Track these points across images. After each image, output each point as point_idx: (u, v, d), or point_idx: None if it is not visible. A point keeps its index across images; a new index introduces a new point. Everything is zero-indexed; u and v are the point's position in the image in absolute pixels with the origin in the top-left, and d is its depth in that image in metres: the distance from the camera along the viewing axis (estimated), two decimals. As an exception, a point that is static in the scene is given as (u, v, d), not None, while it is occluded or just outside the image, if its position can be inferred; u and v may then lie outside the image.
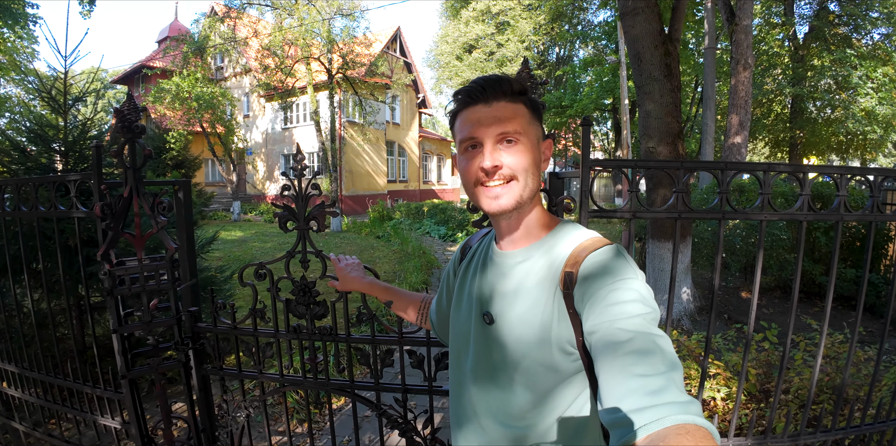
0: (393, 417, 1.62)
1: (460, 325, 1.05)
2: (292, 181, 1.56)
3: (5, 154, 4.25)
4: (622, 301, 0.77)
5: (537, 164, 0.93)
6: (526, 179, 0.91)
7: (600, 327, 0.76)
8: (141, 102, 21.60)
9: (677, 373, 0.67)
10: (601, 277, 0.82)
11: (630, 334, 0.72)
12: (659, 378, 0.65)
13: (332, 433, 1.74)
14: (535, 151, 0.93)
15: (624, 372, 0.67)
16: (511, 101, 0.91)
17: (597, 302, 0.79)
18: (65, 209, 2.15)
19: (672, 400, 0.61)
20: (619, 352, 0.70)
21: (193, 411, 1.97)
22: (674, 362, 0.69)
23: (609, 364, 0.70)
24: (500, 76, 0.92)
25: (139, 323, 1.81)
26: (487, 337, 0.97)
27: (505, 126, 0.89)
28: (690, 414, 0.59)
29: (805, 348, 3.05)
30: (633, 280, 0.81)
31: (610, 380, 0.68)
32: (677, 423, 0.58)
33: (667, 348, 0.71)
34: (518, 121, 0.90)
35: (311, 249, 1.58)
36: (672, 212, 1.52)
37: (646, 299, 0.79)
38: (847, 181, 1.54)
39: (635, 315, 0.75)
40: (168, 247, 1.78)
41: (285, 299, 1.68)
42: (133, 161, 1.80)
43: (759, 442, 1.65)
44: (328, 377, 1.71)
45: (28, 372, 2.66)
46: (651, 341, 0.71)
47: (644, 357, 0.68)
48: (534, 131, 0.93)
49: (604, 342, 0.74)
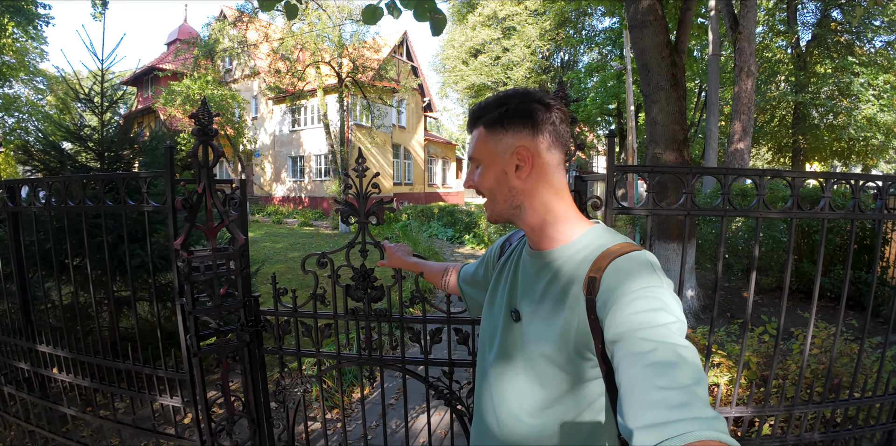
0: (440, 388, 1.86)
1: (492, 319, 1.09)
2: (354, 180, 1.80)
3: (44, 152, 4.50)
4: (645, 309, 0.76)
5: (498, 179, 0.98)
6: (492, 195, 1.00)
7: (622, 336, 0.75)
8: (151, 104, 21.94)
9: (702, 387, 0.65)
10: (624, 284, 0.81)
11: (653, 344, 0.70)
12: (682, 392, 0.63)
13: (382, 402, 1.97)
14: (494, 167, 0.98)
15: (645, 384, 0.66)
16: (476, 128, 1.01)
17: (619, 309, 0.78)
18: (135, 204, 2.38)
19: (696, 415, 0.60)
20: (641, 363, 0.69)
21: (254, 387, 2.20)
22: (698, 375, 0.66)
23: (630, 375, 0.69)
24: (473, 109, 1.02)
25: (211, 306, 2.05)
26: (512, 333, 1.01)
27: (469, 154, 1.03)
28: (715, 430, 0.58)
29: (803, 340, 3.27)
30: (659, 288, 0.80)
31: (631, 392, 0.67)
32: (701, 439, 0.56)
33: (691, 360, 0.69)
34: (477, 147, 1.00)
35: (370, 240, 1.83)
36: (682, 210, 1.77)
37: (671, 308, 0.77)
38: (832, 184, 1.80)
39: (659, 324, 0.73)
40: (238, 238, 2.02)
41: (345, 285, 1.92)
42: (206, 160, 2.04)
43: (758, 411, 1.89)
44: (381, 354, 1.95)
45: (84, 356, 2.83)
46: (675, 352, 0.69)
47: (667, 369, 0.66)
48: (490, 148, 0.98)
49: (625, 352, 0.73)
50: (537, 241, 1.01)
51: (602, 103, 19.92)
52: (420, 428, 3.17)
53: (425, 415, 2.98)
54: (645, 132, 5.56)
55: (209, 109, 2.05)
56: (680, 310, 0.79)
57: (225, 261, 2.08)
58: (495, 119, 0.97)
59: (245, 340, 2.15)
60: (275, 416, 2.28)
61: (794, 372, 2.88)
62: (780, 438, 2.01)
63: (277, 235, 14.85)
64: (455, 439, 2.87)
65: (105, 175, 2.51)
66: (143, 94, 27.39)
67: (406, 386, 1.94)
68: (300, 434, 2.78)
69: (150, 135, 4.95)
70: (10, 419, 3.10)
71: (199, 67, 19.60)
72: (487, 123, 0.98)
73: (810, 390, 2.04)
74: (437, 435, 3.14)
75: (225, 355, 2.16)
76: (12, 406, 3.22)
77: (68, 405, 2.93)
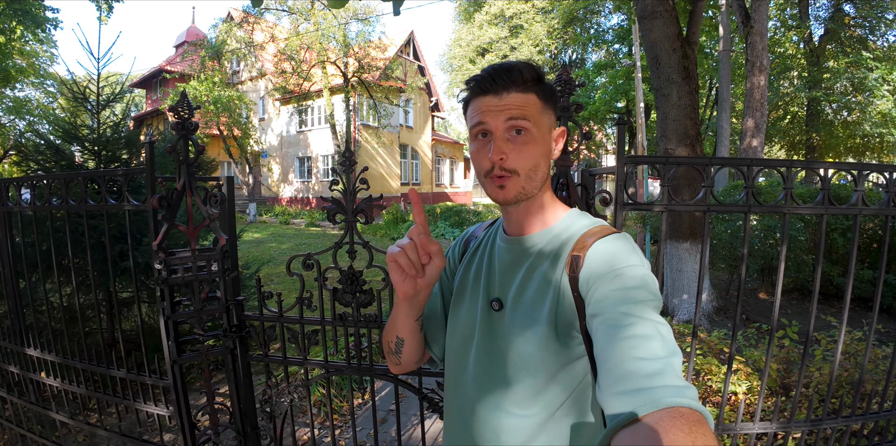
0: (433, 400, 1.71)
1: (463, 317, 1.04)
2: (341, 176, 1.66)
3: (40, 152, 4.42)
4: (626, 287, 0.78)
5: (546, 155, 0.93)
6: (529, 172, 0.90)
7: (602, 310, 0.77)
8: (160, 106, 22.00)
9: (676, 359, 0.67)
10: (607, 263, 0.83)
11: (632, 319, 0.72)
12: (657, 362, 0.65)
13: (373, 414, 1.83)
14: (544, 142, 0.92)
15: (622, 356, 0.67)
16: (522, 92, 0.89)
17: (601, 286, 0.80)
18: (115, 202, 2.26)
19: (668, 383, 0.61)
20: (619, 336, 0.70)
21: (238, 396, 2.07)
22: (673, 348, 0.69)
23: (608, 347, 0.70)
24: (512, 65, 0.89)
25: (191, 311, 1.91)
26: (494, 323, 0.97)
27: (514, 116, 0.88)
28: (686, 397, 0.59)
29: (826, 346, 3.10)
30: (639, 267, 0.82)
31: (607, 362, 0.69)
32: (672, 406, 0.58)
33: (667, 335, 0.71)
34: (527, 111, 0.89)
35: (359, 240, 1.68)
36: (701, 206, 1.60)
37: (649, 286, 0.79)
38: (864, 177, 1.62)
39: (638, 301, 0.76)
40: (220, 238, 1.88)
41: (332, 288, 1.78)
42: (186, 156, 1.91)
43: (783, 426, 1.72)
44: (371, 363, 1.81)
45: (71, 361, 2.74)
46: (652, 327, 0.71)
47: (644, 341, 0.68)
48: (545, 121, 0.92)
49: (605, 325, 0.74)
50: (524, 226, 0.98)
51: (611, 101, 19.69)
52: (417, 442, 3.02)
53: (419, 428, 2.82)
54: (655, 129, 5.38)
55: (189, 101, 1.92)
56: (657, 288, 0.81)
57: (206, 263, 1.95)
58: (549, 92, 0.93)
59: (228, 346, 2.02)
60: (262, 427, 2.15)
61: (818, 380, 2.70)
62: (807, 453, 1.85)
63: (284, 236, 14.78)
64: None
65: (86, 172, 2.40)
66: (153, 96, 27.52)
67: (398, 400, 1.79)
68: (288, 444, 2.64)
69: (159, 136, 4.88)
70: (2, 422, 3.02)
71: (207, 69, 19.61)
72: (542, 94, 0.92)
73: (836, 400, 1.87)
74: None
75: (208, 362, 2.03)
76: (5, 410, 3.14)
77: (57, 410, 2.87)
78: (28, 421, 2.96)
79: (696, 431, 0.54)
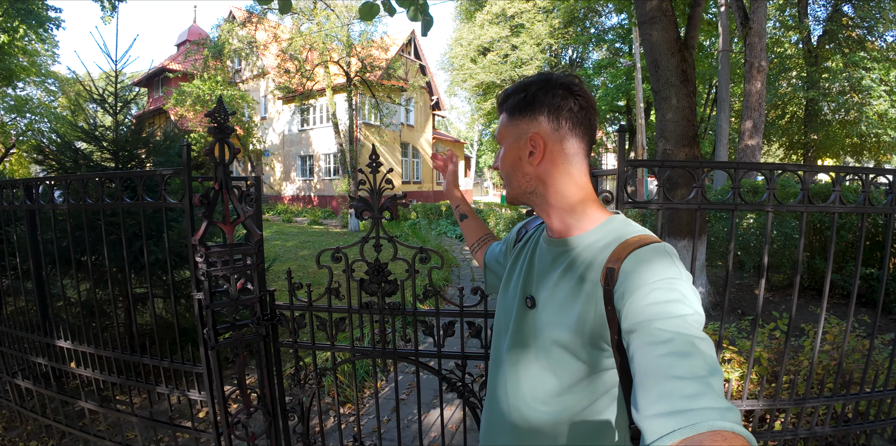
0: (453, 381, 1.89)
1: (506, 305, 1.09)
2: (368, 176, 1.83)
3: (60, 152, 4.57)
4: (663, 301, 0.76)
5: (515, 163, 1.02)
6: (508, 178, 1.04)
7: (639, 326, 0.75)
8: (162, 105, 22.14)
9: (717, 379, 0.64)
10: (643, 275, 0.80)
11: (669, 335, 0.70)
12: (697, 382, 0.63)
13: (396, 394, 2.00)
14: (512, 152, 1.02)
15: (660, 374, 0.66)
16: (501, 113, 1.05)
17: (637, 300, 0.78)
18: (152, 200, 2.42)
19: (710, 405, 0.59)
20: (657, 353, 0.69)
21: (270, 381, 2.24)
22: (714, 367, 0.66)
23: (645, 364, 0.69)
24: (502, 93, 1.05)
25: (227, 300, 2.09)
26: (527, 320, 1.01)
27: (496, 136, 1.07)
28: (728, 420, 0.57)
29: (814, 335, 3.27)
30: (677, 280, 0.79)
31: (645, 381, 0.67)
32: (714, 429, 0.56)
33: (707, 352, 0.68)
34: (500, 132, 1.05)
35: (384, 235, 1.86)
36: (693, 204, 1.79)
37: (689, 300, 0.77)
38: (843, 178, 1.81)
39: (676, 315, 0.73)
40: (254, 233, 2.06)
41: (359, 279, 1.95)
42: (223, 158, 2.07)
43: (769, 404, 1.90)
44: (395, 347, 1.98)
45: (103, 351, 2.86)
46: (691, 343, 0.68)
47: (682, 359, 0.66)
48: (509, 133, 1.02)
49: (641, 341, 0.72)
50: (555, 229, 1.01)
51: (612, 100, 19.84)
52: (433, 422, 3.21)
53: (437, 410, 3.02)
54: (655, 129, 5.56)
55: (225, 108, 2.08)
56: (698, 302, 0.79)
57: (241, 256, 2.12)
58: (514, 106, 1.00)
59: (261, 334, 2.19)
60: (289, 409, 2.32)
61: (807, 369, 2.88)
62: (792, 432, 2.03)
63: (287, 234, 14.96)
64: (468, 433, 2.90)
65: (123, 172, 2.56)
66: (155, 94, 27.64)
67: (419, 381, 1.97)
68: (314, 427, 2.82)
69: (163, 136, 5.03)
70: (26, 414, 3.15)
71: (209, 68, 19.74)
72: (509, 109, 1.02)
73: (821, 385, 2.04)
74: (449, 430, 3.17)
75: (241, 348, 2.21)
76: (29, 401, 3.28)
77: (86, 399, 2.98)
78: (54, 412, 3.05)
79: None
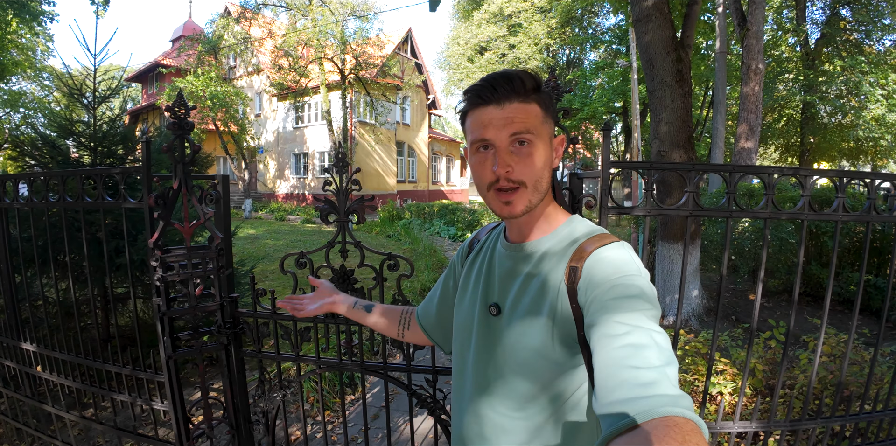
0: (423, 397, 1.75)
1: (463, 317, 1.06)
2: (334, 177, 1.69)
3: (36, 148, 4.42)
4: (624, 296, 0.78)
5: (548, 165, 0.92)
6: (535, 184, 0.90)
7: (599, 320, 0.76)
8: (155, 101, 21.93)
9: (671, 368, 0.67)
10: (605, 272, 0.83)
11: (627, 328, 0.72)
12: (652, 371, 0.65)
13: (364, 409, 1.87)
14: (547, 152, 0.91)
15: (618, 364, 0.67)
16: (523, 101, 0.88)
17: (599, 296, 0.80)
18: (112, 200, 2.28)
19: (663, 393, 0.61)
20: (615, 345, 0.70)
21: (231, 391, 2.10)
22: (669, 358, 0.69)
23: (604, 356, 0.71)
24: (512, 73, 0.88)
25: (186, 307, 1.95)
26: (492, 328, 0.99)
27: (517, 128, 0.87)
28: (680, 406, 0.59)
29: (812, 348, 3.15)
30: (637, 277, 0.82)
31: (603, 371, 0.69)
32: (666, 415, 0.58)
33: (663, 344, 0.71)
34: (530, 122, 0.88)
35: (350, 240, 1.72)
36: (684, 210, 1.65)
37: (648, 296, 0.79)
38: (846, 184, 1.67)
39: (634, 310, 0.76)
40: (215, 236, 1.92)
41: (324, 286, 1.82)
42: (182, 155, 1.94)
43: (763, 426, 1.77)
44: (362, 359, 1.85)
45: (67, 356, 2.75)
46: (648, 336, 0.71)
47: (639, 350, 0.68)
48: (546, 130, 0.91)
49: (601, 334, 0.74)
50: (525, 233, 0.99)
51: (608, 101, 19.74)
52: (407, 438, 3.07)
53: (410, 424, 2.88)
54: (649, 130, 5.44)
55: (185, 101, 1.95)
56: (655, 298, 0.81)
57: (201, 260, 1.98)
58: (548, 101, 0.93)
59: (223, 343, 2.05)
60: (254, 421, 2.18)
61: (802, 382, 2.75)
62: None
63: (279, 232, 14.79)
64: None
65: (83, 170, 2.42)
66: (148, 90, 27.42)
67: (388, 396, 1.83)
68: (281, 439, 2.68)
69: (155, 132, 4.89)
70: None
71: (203, 64, 19.54)
72: (543, 103, 0.91)
73: (818, 401, 1.92)
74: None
75: (202, 358, 2.07)
76: (1, 403, 3.16)
77: (53, 404, 2.87)
78: (24, 415, 2.97)
79: (690, 440, 0.54)
